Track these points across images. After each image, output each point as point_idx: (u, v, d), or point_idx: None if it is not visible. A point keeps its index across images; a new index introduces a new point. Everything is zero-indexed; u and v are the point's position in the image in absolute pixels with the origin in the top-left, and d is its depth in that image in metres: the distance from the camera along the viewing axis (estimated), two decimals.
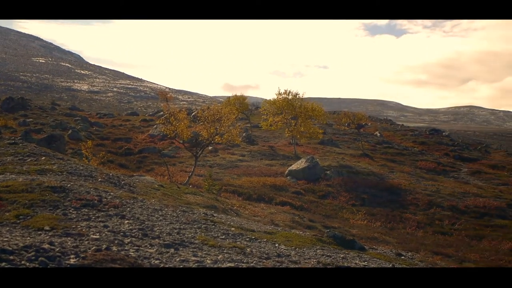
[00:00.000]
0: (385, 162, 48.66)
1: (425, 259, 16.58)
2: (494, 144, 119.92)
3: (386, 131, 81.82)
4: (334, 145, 56.42)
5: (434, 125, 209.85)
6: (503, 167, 57.37)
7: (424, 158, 54.37)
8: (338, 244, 14.04)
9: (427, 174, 45.64)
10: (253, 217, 20.07)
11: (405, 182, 38.62)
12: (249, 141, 53.33)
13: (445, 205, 33.32)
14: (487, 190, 41.51)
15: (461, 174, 49.19)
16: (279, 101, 50.03)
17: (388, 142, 65.01)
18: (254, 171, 37.85)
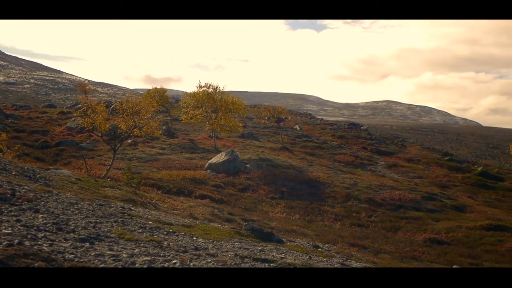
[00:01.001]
0: (305, 156, 49.23)
1: (342, 251, 16.90)
2: (410, 138, 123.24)
3: (306, 124, 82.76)
4: (254, 138, 56.69)
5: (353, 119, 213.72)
6: (418, 160, 59.01)
7: (343, 151, 55.31)
8: (256, 237, 14.14)
9: (345, 167, 46.44)
10: (172, 211, 19.95)
11: (324, 175, 39.17)
12: (169, 134, 52.96)
13: (362, 197, 33.99)
14: (403, 183, 42.60)
15: (378, 167, 50.30)
16: (199, 94, 49.82)
17: (308, 136, 65.77)
18: (174, 165, 37.63)
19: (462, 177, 51.18)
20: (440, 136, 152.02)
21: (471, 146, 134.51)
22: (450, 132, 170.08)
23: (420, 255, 22.27)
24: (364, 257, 16.64)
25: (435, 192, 40.55)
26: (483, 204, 41.27)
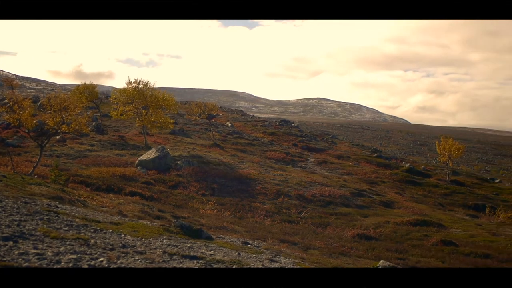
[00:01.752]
0: (236, 152, 49.29)
1: (271, 247, 16.98)
2: (341, 135, 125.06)
3: (237, 121, 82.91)
4: (185, 135, 56.42)
5: (284, 116, 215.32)
6: (348, 157, 59.90)
7: (274, 148, 55.64)
8: (186, 234, 14.07)
9: (276, 164, 46.71)
10: (101, 208, 19.65)
11: (255, 172, 39.30)
12: (99, 130, 52.15)
13: (293, 194, 34.25)
14: (333, 179, 43.17)
15: (308, 164, 50.80)
16: (129, 90, 49.15)
17: (239, 133, 65.88)
18: (104, 161, 37.06)
19: (390, 173, 52.29)
20: (369, 133, 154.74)
21: (399, 143, 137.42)
22: (379, 129, 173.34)
23: (349, 251, 22.56)
24: (293, 253, 16.77)
25: (364, 188, 41.29)
26: (410, 200, 42.25)
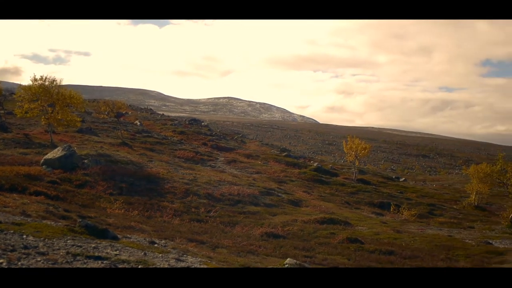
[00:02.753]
0: (144, 151, 48.75)
1: (178, 246, 16.90)
2: (251, 134, 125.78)
3: (147, 120, 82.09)
4: (93, 133, 55.36)
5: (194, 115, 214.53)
6: (257, 156, 60.33)
7: (183, 147, 55.40)
8: (91, 234, 13.81)
9: (185, 163, 46.51)
10: (3, 208, 19.03)
11: (164, 171, 38.99)
12: (2, 128, 50.47)
13: (202, 193, 34.18)
14: (242, 178, 43.36)
15: (218, 163, 50.86)
16: (34, 87, 47.76)
17: (148, 131, 65.27)
18: (7, 160, 35.85)
19: (298, 172, 53.00)
20: (279, 132, 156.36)
21: (308, 142, 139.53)
22: (288, 128, 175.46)
23: (257, 249, 22.71)
24: (201, 252, 16.74)
25: (273, 187, 41.70)
26: (317, 199, 42.97)
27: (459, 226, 39.49)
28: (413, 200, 49.95)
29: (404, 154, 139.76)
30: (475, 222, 42.50)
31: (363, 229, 32.41)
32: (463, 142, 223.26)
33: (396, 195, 52.47)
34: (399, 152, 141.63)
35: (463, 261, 25.95)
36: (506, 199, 56.47)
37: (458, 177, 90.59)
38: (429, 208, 46.96)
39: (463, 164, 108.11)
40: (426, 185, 77.19)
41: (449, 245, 29.63)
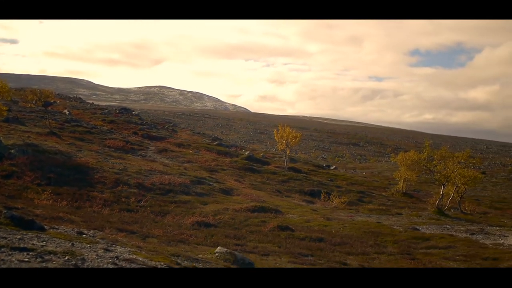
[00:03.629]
0: (73, 141, 47.83)
1: (107, 237, 16.69)
2: (182, 123, 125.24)
3: (76, 109, 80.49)
4: (20, 123, 53.95)
5: (125, 104, 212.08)
6: (188, 145, 60.11)
7: (113, 136, 54.59)
8: (16, 225, 13.49)
9: (115, 152, 45.88)
10: None
11: (93, 160, 38.40)
12: None
13: (132, 182, 33.85)
14: (173, 167, 43.14)
15: (148, 152, 50.38)
16: None
17: (77, 121, 64.06)
18: None
19: (230, 161, 53.09)
20: (211, 121, 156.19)
21: (240, 131, 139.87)
22: (220, 117, 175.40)
23: (188, 238, 22.67)
24: (130, 242, 16.56)
25: (204, 176, 41.64)
26: (249, 187, 43.16)
27: (388, 213, 40.34)
28: (343, 188, 50.73)
29: (334, 142, 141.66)
30: (403, 209, 43.46)
31: (294, 217, 32.74)
32: (392, 131, 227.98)
33: (327, 183, 53.16)
34: (330, 141, 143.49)
35: (391, 246, 26.57)
36: (433, 186, 58.08)
37: (387, 164, 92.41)
38: (358, 196, 47.78)
39: (392, 152, 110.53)
40: (356, 173, 78.60)
41: (377, 231, 30.26)
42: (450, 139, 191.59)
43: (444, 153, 45.54)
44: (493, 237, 31.26)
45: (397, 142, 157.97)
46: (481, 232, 32.93)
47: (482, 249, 26.94)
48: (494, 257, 24.83)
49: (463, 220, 39.03)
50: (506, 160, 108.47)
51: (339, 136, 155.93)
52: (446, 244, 27.87)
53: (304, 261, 21.32)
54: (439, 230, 33.05)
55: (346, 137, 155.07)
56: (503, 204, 55.59)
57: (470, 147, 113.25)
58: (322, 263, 21.34)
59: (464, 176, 42.63)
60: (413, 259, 24.04)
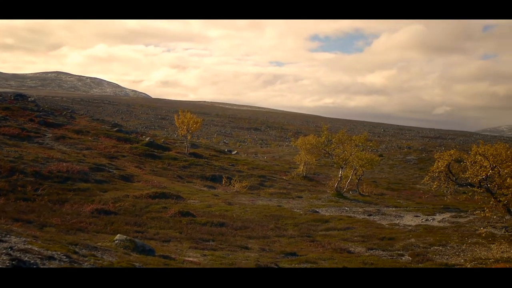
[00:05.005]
0: None
1: (1, 227, 16.16)
2: (81, 110, 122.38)
3: None
4: None
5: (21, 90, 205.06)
6: (87, 132, 58.81)
7: (8, 124, 52.68)
8: None
9: (11, 140, 44.30)
10: None
11: None
12: None
13: (29, 171, 32.82)
14: (71, 155, 42.17)
15: (45, 139, 48.98)
16: None
17: None
18: None
19: (130, 147, 52.37)
20: (110, 107, 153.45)
21: (141, 117, 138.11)
22: (120, 103, 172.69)
23: (87, 226, 22.32)
24: (26, 232, 16.11)
25: (104, 163, 40.97)
26: (150, 173, 42.81)
27: (288, 196, 40.92)
28: (245, 172, 51.02)
29: (236, 127, 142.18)
30: (303, 192, 44.21)
31: (195, 203, 32.74)
32: (293, 115, 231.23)
33: (228, 168, 53.35)
34: (231, 126, 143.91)
35: (291, 229, 27.02)
36: (332, 169, 59.30)
37: (288, 149, 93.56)
38: (260, 180, 48.17)
39: (292, 136, 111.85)
40: (257, 157, 79.19)
41: (278, 215, 30.70)
42: (349, 123, 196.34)
43: (342, 137, 46.63)
44: (390, 218, 32.31)
45: (297, 126, 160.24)
46: (378, 213, 33.99)
47: (379, 230, 27.83)
48: (390, 237, 25.71)
49: (361, 202, 40.13)
50: (402, 142, 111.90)
51: (240, 121, 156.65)
52: (344, 225, 28.62)
53: (205, 246, 21.42)
54: (338, 212, 33.86)
55: (248, 122, 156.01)
56: (399, 185, 57.40)
57: (368, 131, 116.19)
58: (224, 247, 21.50)
59: (362, 159, 43.77)
60: (313, 241, 24.56)
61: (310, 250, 22.36)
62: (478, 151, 20.57)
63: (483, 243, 24.12)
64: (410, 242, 24.57)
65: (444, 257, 22.03)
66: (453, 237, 25.70)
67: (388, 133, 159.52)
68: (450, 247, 23.71)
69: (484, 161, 20.19)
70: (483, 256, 21.77)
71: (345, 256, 21.45)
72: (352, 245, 23.92)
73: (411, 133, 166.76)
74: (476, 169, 20.33)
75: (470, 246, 23.82)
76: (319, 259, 20.25)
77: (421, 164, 71.65)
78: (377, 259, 21.03)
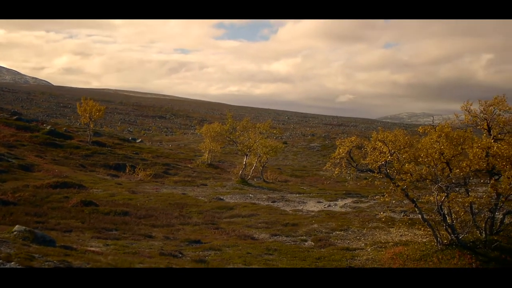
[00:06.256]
0: None
1: None
2: None
3: None
4: None
5: None
6: None
7: None
8: None
9: None
10: None
11: None
12: None
13: None
14: None
15: None
16: None
17: None
18: None
19: (30, 136, 50.92)
20: (10, 95, 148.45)
21: (42, 105, 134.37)
22: (20, 91, 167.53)
23: None
24: None
25: (2, 152, 39.66)
26: (51, 163, 41.82)
27: (193, 184, 40.86)
28: (149, 161, 50.59)
29: (141, 115, 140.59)
30: (208, 180, 44.24)
31: (98, 192, 32.27)
32: (198, 103, 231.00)
33: (132, 156, 52.73)
34: (136, 114, 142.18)
35: (196, 217, 27.02)
36: (237, 156, 59.72)
37: (193, 136, 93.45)
38: (164, 168, 47.91)
39: (197, 124, 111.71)
40: (162, 145, 78.67)
41: (183, 202, 30.64)
42: (254, 111, 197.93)
43: (246, 124, 46.94)
44: (293, 204, 32.78)
45: (203, 114, 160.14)
46: (282, 199, 34.40)
47: (283, 216, 28.18)
48: (293, 223, 26.08)
49: (265, 189, 40.53)
50: (306, 130, 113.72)
51: (145, 109, 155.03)
52: (249, 212, 28.83)
53: (108, 235, 21.12)
54: (243, 199, 34.07)
55: (152, 110, 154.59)
56: (303, 172, 58.32)
57: (272, 118, 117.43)
58: (127, 236, 21.27)
59: (266, 146, 44.20)
60: (218, 228, 24.63)
61: (214, 238, 22.42)
62: (377, 137, 21.07)
63: (383, 227, 24.88)
64: (313, 227, 25.03)
65: (346, 241, 22.58)
66: (354, 222, 26.39)
67: (293, 121, 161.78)
68: (351, 231, 24.32)
69: (384, 147, 20.72)
70: (383, 240, 22.45)
71: (249, 242, 21.63)
72: (256, 232, 24.13)
73: (315, 121, 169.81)
74: (376, 155, 20.79)
75: (371, 230, 24.52)
76: (224, 246, 20.34)
77: (324, 151, 73.08)
78: (281, 245, 21.30)
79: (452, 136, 20.17)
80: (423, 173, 19.97)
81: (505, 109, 22.50)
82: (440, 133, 19.99)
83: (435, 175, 19.64)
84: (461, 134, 20.58)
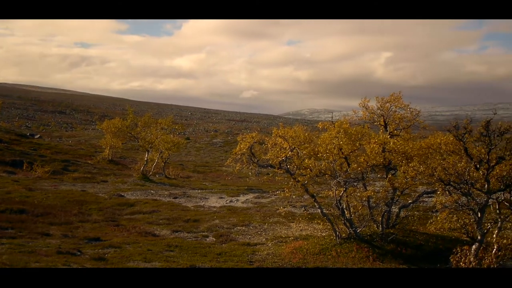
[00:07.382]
0: None
1: None
2: None
3: None
4: None
5: None
6: None
7: None
8: None
9: None
10: None
11: None
12: None
13: None
14: None
15: None
16: None
17: None
18: None
19: None
20: None
21: None
22: None
23: None
24: None
25: None
26: None
27: (93, 181, 40.13)
28: (48, 157, 49.26)
29: (39, 110, 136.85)
30: (108, 176, 43.57)
31: None
32: (100, 98, 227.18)
33: (30, 152, 51.21)
34: (34, 109, 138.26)
35: (95, 214, 26.61)
36: (139, 152, 59.04)
37: (94, 132, 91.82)
38: (63, 164, 46.80)
39: (98, 119, 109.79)
40: (62, 141, 76.78)
41: (82, 200, 30.11)
42: (157, 106, 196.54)
43: (148, 120, 46.56)
44: (195, 200, 32.78)
45: (104, 109, 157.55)
46: (183, 195, 34.34)
47: (184, 212, 28.14)
48: (195, 219, 26.08)
49: (167, 185, 40.35)
50: (209, 126, 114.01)
51: (44, 104, 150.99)
52: (150, 208, 28.62)
53: (3, 234, 20.48)
54: (144, 195, 33.80)
55: (52, 105, 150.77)
56: (206, 168, 58.41)
57: (175, 114, 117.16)
58: (23, 235, 20.69)
59: (168, 142, 43.94)
60: (118, 225, 24.32)
61: (114, 235, 22.12)
62: (278, 133, 21.30)
63: (283, 222, 25.25)
64: (215, 223, 25.10)
65: (247, 236, 22.76)
66: (256, 217, 26.67)
67: (196, 117, 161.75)
68: (252, 226, 24.54)
69: (284, 143, 20.96)
70: (284, 235, 22.77)
71: (150, 239, 21.47)
72: (157, 228, 23.98)
73: (218, 116, 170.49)
74: (277, 150, 21.03)
75: (272, 225, 24.83)
76: (124, 244, 20.11)
77: (226, 146, 73.36)
78: (182, 241, 21.24)
79: (351, 132, 20.69)
80: (323, 168, 20.36)
81: (401, 106, 23.32)
82: (339, 129, 20.45)
83: (334, 170, 20.05)
84: (359, 130, 21.16)
